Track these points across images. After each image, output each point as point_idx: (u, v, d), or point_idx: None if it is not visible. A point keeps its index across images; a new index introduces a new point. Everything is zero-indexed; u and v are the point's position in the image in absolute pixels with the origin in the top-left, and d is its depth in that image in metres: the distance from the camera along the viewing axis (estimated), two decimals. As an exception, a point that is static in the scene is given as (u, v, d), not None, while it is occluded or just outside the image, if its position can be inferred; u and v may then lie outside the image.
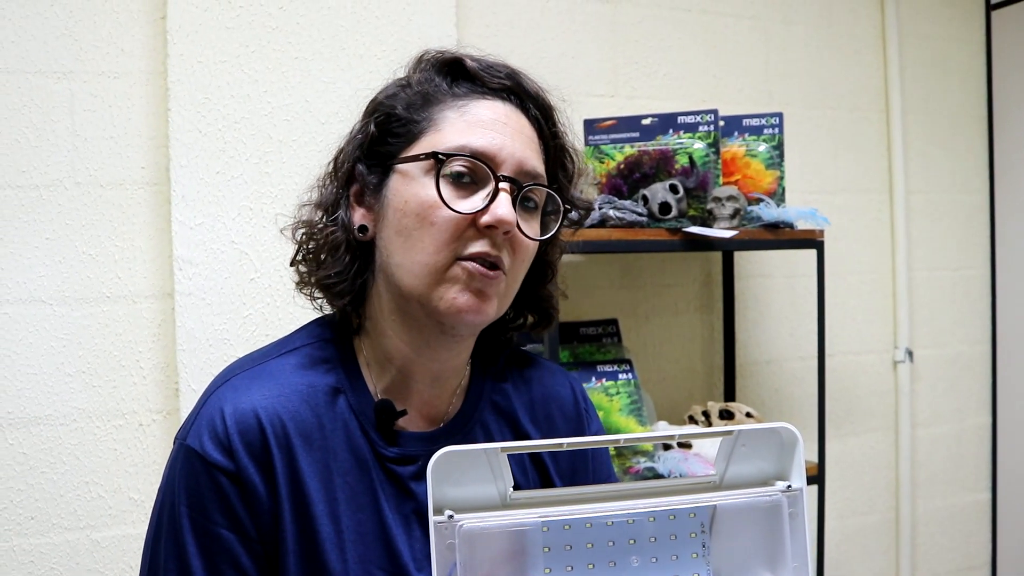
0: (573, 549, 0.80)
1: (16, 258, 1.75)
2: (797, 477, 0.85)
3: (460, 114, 0.94)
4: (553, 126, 1.00)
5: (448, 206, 0.90)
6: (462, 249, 0.91)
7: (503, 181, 0.92)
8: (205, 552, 0.88)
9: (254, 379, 0.94)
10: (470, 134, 0.93)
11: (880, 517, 2.69)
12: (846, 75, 2.62)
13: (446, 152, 0.92)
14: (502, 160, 0.93)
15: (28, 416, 1.76)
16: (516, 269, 0.95)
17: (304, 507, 0.90)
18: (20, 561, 1.74)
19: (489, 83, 0.96)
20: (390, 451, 0.96)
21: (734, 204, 1.98)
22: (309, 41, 1.89)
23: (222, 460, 0.89)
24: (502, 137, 0.93)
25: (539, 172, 0.96)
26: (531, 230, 0.96)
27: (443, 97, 0.96)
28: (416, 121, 0.95)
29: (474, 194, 0.92)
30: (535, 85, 0.99)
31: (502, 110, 0.95)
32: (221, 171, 1.83)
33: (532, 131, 0.97)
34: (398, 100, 0.97)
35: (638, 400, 2.01)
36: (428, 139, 0.94)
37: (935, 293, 2.76)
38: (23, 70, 1.75)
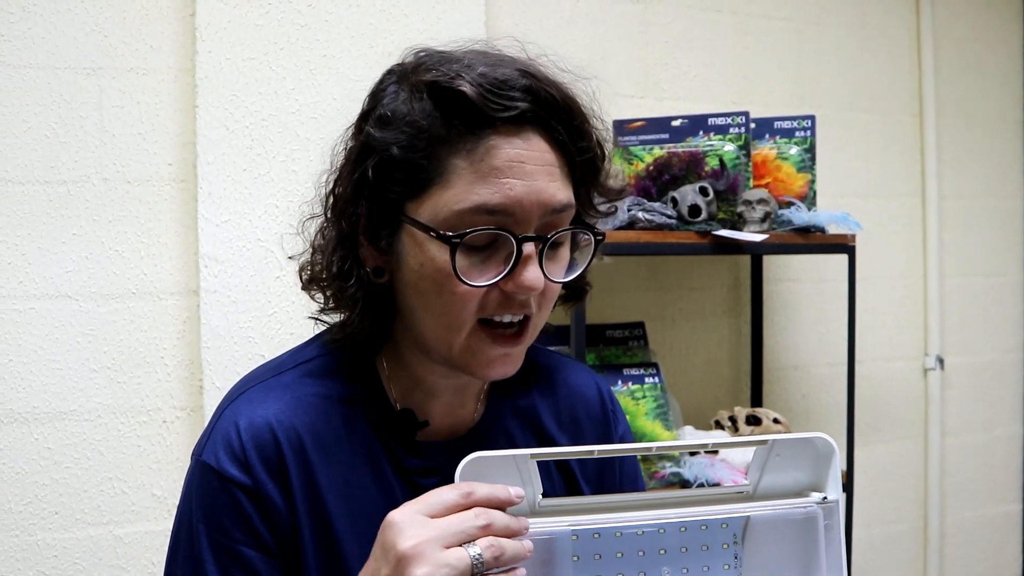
0: (603, 558, 0.78)
1: (43, 253, 1.75)
2: (833, 488, 0.83)
3: (470, 162, 0.82)
4: (580, 138, 0.87)
5: (468, 283, 0.83)
6: (486, 313, 0.85)
7: (527, 242, 0.83)
8: (224, 570, 0.85)
9: (269, 391, 0.91)
10: (485, 189, 0.82)
11: (908, 526, 2.65)
12: (880, 78, 2.58)
13: (455, 230, 0.82)
14: (523, 210, 0.82)
15: (53, 411, 1.76)
16: (547, 307, 0.90)
17: (325, 523, 0.88)
18: (44, 556, 1.75)
19: (500, 112, 0.82)
20: (412, 462, 0.92)
21: (764, 207, 1.95)
22: (337, 39, 1.88)
23: (239, 476, 0.86)
24: (521, 183, 0.82)
25: (567, 203, 0.86)
26: (559, 269, 0.88)
27: (448, 137, 0.83)
28: (420, 167, 0.83)
29: (495, 255, 0.84)
30: (555, 91, 0.85)
31: (519, 145, 0.83)
32: (248, 168, 1.82)
33: (555, 155, 0.85)
34: (394, 138, 0.84)
35: (664, 404, 1.99)
36: (438, 195, 0.83)
37: (967, 300, 2.72)
38: (53, 66, 1.75)
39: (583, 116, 0.88)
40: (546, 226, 0.85)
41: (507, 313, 0.85)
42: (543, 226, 0.85)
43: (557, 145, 0.86)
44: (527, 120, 0.83)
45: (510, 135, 0.83)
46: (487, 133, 0.82)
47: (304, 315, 1.69)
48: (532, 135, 0.84)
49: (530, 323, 0.88)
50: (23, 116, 1.74)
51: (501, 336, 0.86)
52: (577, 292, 1.00)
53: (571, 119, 0.86)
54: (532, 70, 0.85)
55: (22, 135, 1.74)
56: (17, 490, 1.74)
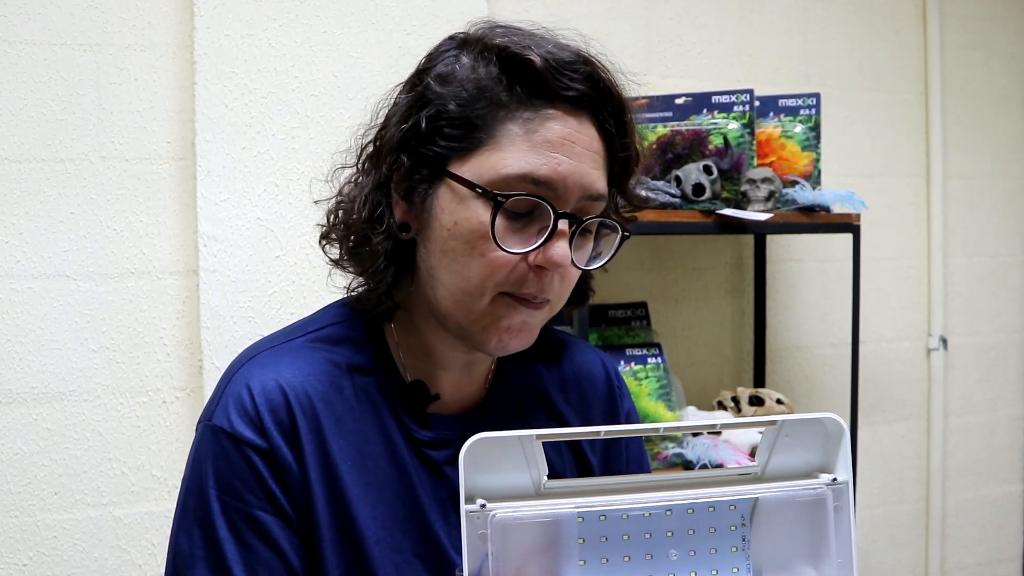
0: (609, 541, 0.77)
1: (41, 232, 1.74)
2: (843, 469, 0.82)
3: (525, 131, 0.83)
4: (626, 135, 0.90)
5: (501, 246, 0.83)
6: (509, 285, 0.85)
7: (563, 219, 0.84)
8: (237, 535, 0.84)
9: (280, 356, 0.90)
10: (535, 159, 0.83)
11: (910, 507, 2.65)
12: (885, 56, 2.55)
13: (505, 193, 0.83)
14: (566, 188, 0.84)
15: (52, 392, 1.75)
16: (562, 293, 0.90)
17: (338, 490, 0.87)
18: (43, 536, 1.74)
19: (562, 90, 0.84)
20: (423, 434, 0.92)
21: (769, 186, 1.94)
22: (337, 15, 1.86)
23: (253, 437, 0.85)
24: (569, 162, 0.84)
25: (602, 193, 0.88)
26: (583, 256, 0.90)
27: (507, 103, 0.84)
28: (474, 126, 0.84)
29: (529, 226, 0.85)
30: (612, 86, 0.87)
31: (573, 125, 0.85)
32: (247, 146, 1.80)
33: (601, 145, 0.88)
34: (453, 93, 0.85)
35: (667, 384, 1.98)
36: (486, 156, 0.84)
37: (971, 280, 2.71)
38: (49, 42, 1.73)
39: (631, 117, 0.90)
40: (580, 211, 0.87)
41: (527, 290, 0.86)
42: (578, 210, 0.86)
43: (604, 137, 0.88)
44: (584, 104, 0.86)
45: (567, 114, 0.85)
46: (547, 107, 0.84)
47: (304, 295, 1.67)
48: (586, 119, 0.86)
49: (548, 303, 0.88)
50: (19, 93, 1.71)
51: (523, 302, 0.86)
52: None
53: (621, 114, 0.88)
54: (595, 60, 0.88)
55: (18, 112, 1.72)
56: (16, 471, 1.72)
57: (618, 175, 0.92)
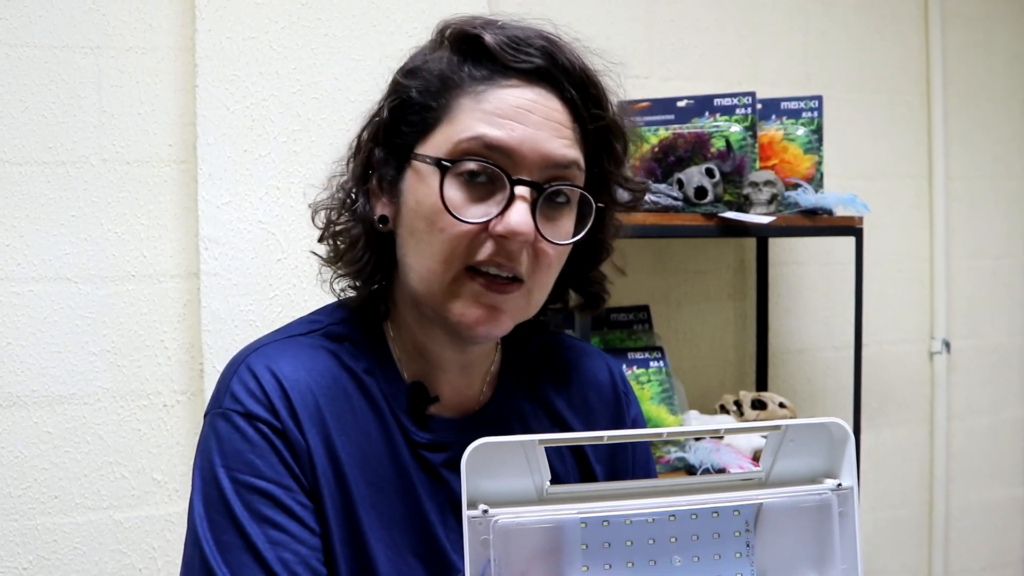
0: (612, 547, 0.76)
1: (42, 235, 1.73)
2: (848, 475, 0.81)
3: (477, 102, 0.84)
4: (595, 106, 0.87)
5: (454, 215, 0.83)
6: (474, 257, 0.84)
7: (520, 185, 0.83)
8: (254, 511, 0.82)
9: (283, 350, 0.89)
10: (486, 125, 0.83)
11: (913, 510, 2.64)
12: (887, 58, 2.55)
13: (451, 158, 0.83)
14: (522, 155, 0.83)
15: (52, 395, 1.74)
16: (540, 276, 0.87)
17: (344, 488, 0.86)
18: (43, 540, 1.73)
19: (514, 63, 0.84)
20: (422, 436, 0.91)
21: (771, 189, 1.93)
22: (339, 18, 1.85)
23: (266, 415, 0.84)
24: (524, 128, 0.83)
25: (570, 161, 0.85)
26: (557, 232, 0.86)
27: (461, 81, 0.85)
28: (431, 108, 0.86)
29: (490, 196, 0.84)
30: (574, 59, 0.86)
31: (528, 95, 0.84)
32: (249, 149, 1.80)
33: (566, 115, 0.86)
34: (414, 83, 0.87)
35: (669, 388, 1.97)
36: (442, 131, 0.85)
37: (974, 282, 2.70)
38: (51, 45, 1.73)
39: (600, 89, 0.88)
40: (550, 179, 0.85)
41: (494, 264, 0.84)
42: (547, 179, 0.85)
43: (569, 107, 0.86)
44: (541, 76, 0.85)
45: (523, 85, 0.85)
46: (499, 81, 0.84)
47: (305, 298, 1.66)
48: (545, 90, 0.85)
49: (523, 286, 0.86)
50: (20, 96, 1.71)
51: (487, 283, 0.84)
52: (593, 299, 1.01)
53: (586, 86, 0.87)
54: (555, 38, 0.87)
55: (20, 115, 1.71)
56: (16, 474, 1.72)
57: (597, 148, 0.90)
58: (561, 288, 0.99)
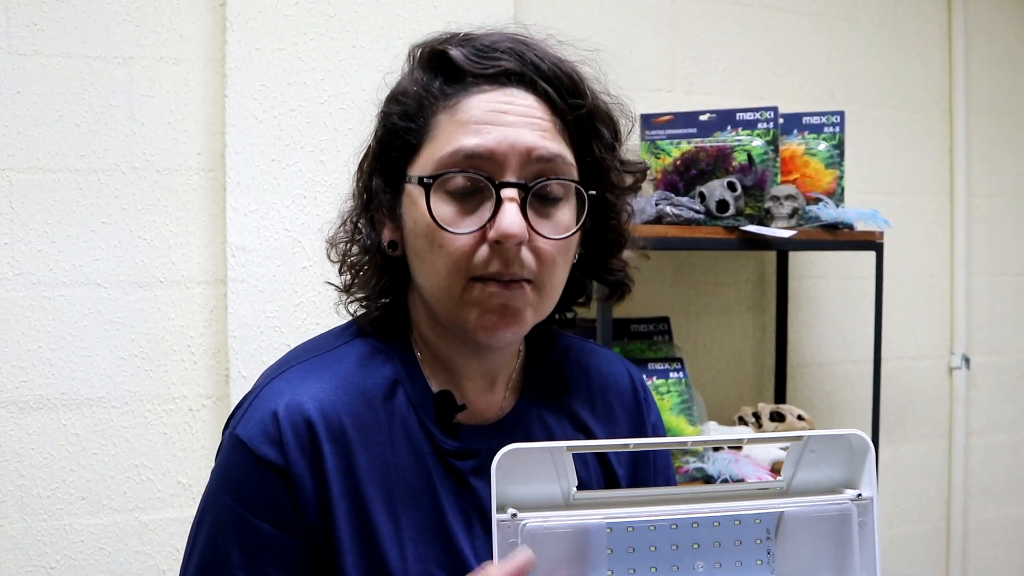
0: (636, 552, 0.78)
1: (73, 241, 1.77)
2: (868, 486, 0.82)
3: (451, 115, 0.85)
4: (572, 95, 0.87)
5: (447, 229, 0.84)
6: (476, 268, 0.85)
7: (505, 188, 0.83)
8: (243, 544, 0.85)
9: (310, 372, 0.91)
10: (462, 135, 0.84)
11: (931, 526, 2.63)
12: (910, 74, 2.55)
13: (432, 175, 0.84)
14: (503, 155, 0.83)
15: (81, 398, 1.77)
16: (549, 270, 0.87)
17: (362, 505, 0.87)
18: (70, 540, 1.76)
19: (481, 71, 0.85)
20: (449, 444, 0.92)
21: (792, 203, 1.94)
22: (366, 30, 1.88)
23: (272, 455, 0.86)
24: (499, 129, 0.83)
25: (555, 154, 0.85)
26: (555, 227, 0.86)
27: (434, 98, 0.87)
28: (413, 131, 0.88)
29: (480, 205, 0.84)
30: (544, 54, 0.87)
31: (499, 97, 0.85)
32: (276, 159, 1.83)
33: (543, 109, 0.86)
34: (395, 108, 0.90)
35: (689, 399, 1.98)
36: (426, 151, 0.87)
37: (995, 299, 2.70)
38: (84, 55, 1.76)
39: (575, 77, 0.88)
40: (536, 175, 0.85)
41: (493, 270, 0.84)
42: (532, 175, 0.85)
43: (547, 102, 0.87)
44: (511, 78, 0.86)
45: (492, 90, 0.86)
46: (470, 90, 0.86)
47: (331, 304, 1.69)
48: (516, 91, 0.86)
49: (531, 284, 0.87)
50: (54, 105, 1.75)
51: (494, 292, 0.85)
52: (616, 286, 1.00)
53: (560, 78, 0.87)
54: (524, 38, 0.88)
55: (53, 123, 1.75)
56: (45, 475, 1.75)
57: (585, 138, 0.89)
58: (581, 280, 1.00)
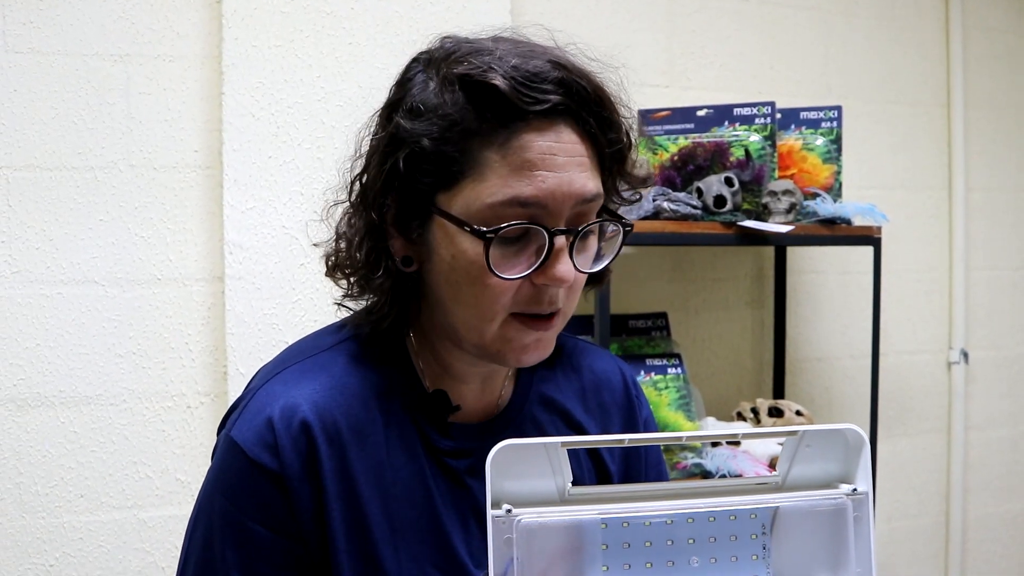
0: (631, 547, 0.78)
1: (71, 239, 1.77)
2: (863, 480, 0.82)
3: (502, 155, 0.82)
4: (611, 130, 0.87)
5: (501, 276, 0.83)
6: (517, 306, 0.86)
7: (558, 235, 0.84)
8: (238, 545, 0.85)
9: (305, 373, 0.90)
10: (518, 182, 0.82)
11: (930, 521, 2.64)
12: (907, 69, 2.55)
13: (488, 223, 0.82)
14: (556, 204, 0.83)
15: (79, 395, 1.77)
16: (571, 301, 0.90)
17: (357, 506, 0.87)
18: (69, 537, 1.76)
19: (532, 106, 0.82)
20: (444, 443, 0.92)
21: (790, 198, 1.94)
22: (363, 27, 1.88)
23: (267, 460, 0.85)
24: (553, 176, 0.82)
25: (596, 193, 0.86)
26: (587, 260, 0.89)
27: (480, 129, 0.82)
28: (452, 159, 0.83)
29: (527, 247, 0.84)
30: (586, 83, 0.85)
31: (551, 137, 0.83)
32: (273, 156, 1.83)
33: (585, 146, 0.85)
34: (424, 130, 0.84)
35: (687, 395, 1.98)
36: (471, 187, 0.83)
37: (993, 293, 2.69)
38: (81, 53, 1.76)
39: (612, 107, 0.87)
40: (576, 216, 0.85)
41: (537, 308, 0.86)
42: (573, 217, 0.85)
43: (588, 136, 0.85)
44: (559, 113, 0.83)
45: (543, 128, 0.83)
46: (520, 126, 0.82)
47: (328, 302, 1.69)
48: (564, 127, 0.84)
49: (560, 312, 0.88)
50: (51, 103, 1.75)
51: (534, 322, 0.87)
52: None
53: (601, 110, 0.86)
54: (563, 61, 0.85)
55: (50, 121, 1.75)
56: (43, 473, 1.75)
57: (611, 166, 0.90)
58: None
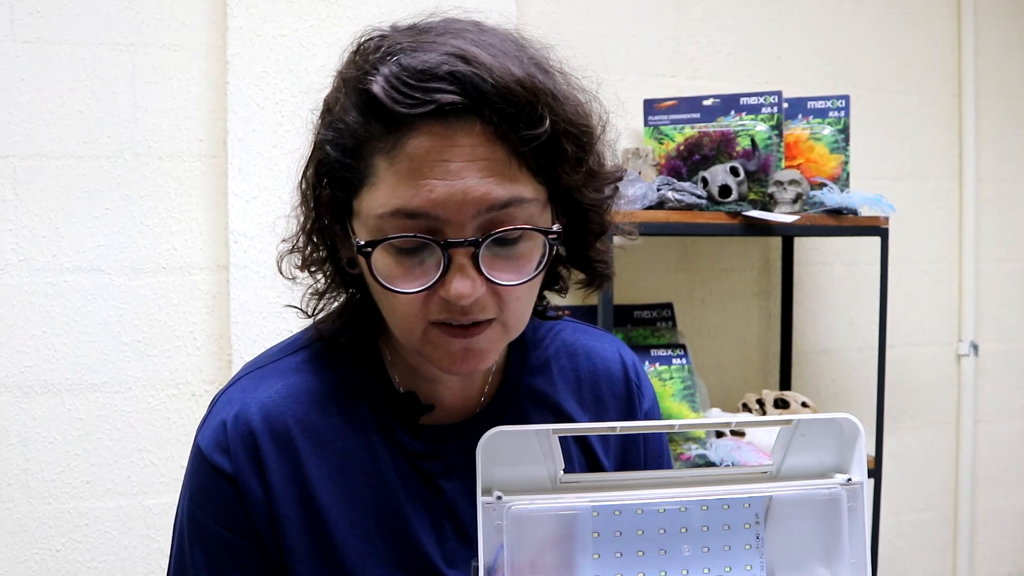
0: (623, 535, 0.77)
1: (76, 227, 1.77)
2: (858, 470, 0.82)
3: (389, 163, 0.75)
4: (525, 124, 0.75)
5: (394, 290, 0.78)
6: (432, 315, 0.79)
7: (454, 248, 0.75)
8: (205, 547, 0.86)
9: (262, 380, 0.89)
10: (404, 191, 0.74)
11: (937, 514, 2.62)
12: (917, 57, 2.53)
13: (373, 236, 0.77)
14: (451, 213, 0.74)
15: (85, 383, 1.78)
16: (512, 308, 0.81)
17: (316, 512, 0.86)
18: (75, 524, 1.78)
19: (414, 112, 0.73)
20: (415, 446, 0.89)
21: (796, 188, 1.93)
22: (368, 16, 1.87)
23: (223, 463, 0.85)
24: (444, 184, 0.74)
25: (509, 199, 0.76)
26: (516, 269, 0.79)
27: (370, 137, 0.76)
28: (352, 168, 0.78)
29: (425, 261, 0.77)
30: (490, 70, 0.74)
31: (441, 140, 0.74)
32: (278, 144, 1.83)
33: (491, 145, 0.75)
34: (328, 137, 0.80)
35: (692, 386, 1.98)
36: (365, 199, 0.78)
37: (1003, 285, 2.67)
38: (86, 42, 1.77)
39: (530, 96, 0.75)
40: (489, 224, 0.76)
41: (450, 318, 0.79)
42: (484, 224, 0.76)
43: (492, 129, 0.75)
44: (454, 112, 0.74)
45: (433, 132, 0.74)
46: (404, 131, 0.75)
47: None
48: (459, 128, 0.74)
49: (493, 323, 0.81)
50: (57, 92, 1.76)
51: (454, 331, 0.80)
52: (596, 276, 0.93)
53: (510, 105, 0.74)
54: (465, 50, 0.75)
55: (56, 111, 1.76)
56: (50, 459, 1.77)
57: (548, 163, 0.78)
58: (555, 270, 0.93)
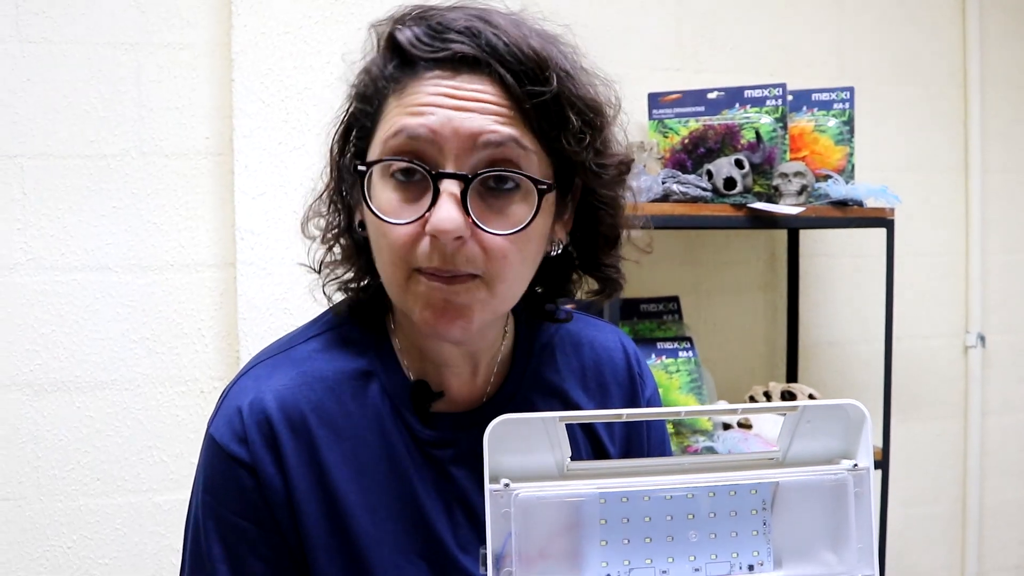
0: (630, 522, 0.78)
1: (84, 226, 1.78)
2: (864, 455, 0.82)
3: (398, 99, 0.81)
4: (532, 81, 0.79)
5: (384, 219, 0.80)
6: (416, 260, 0.80)
7: (444, 179, 0.78)
8: (223, 538, 0.86)
9: (276, 368, 0.89)
10: (407, 117, 0.79)
11: (946, 507, 2.62)
12: (922, 49, 2.52)
13: (368, 162, 0.82)
14: (444, 139, 0.78)
15: (94, 380, 1.79)
16: (499, 265, 0.81)
17: (334, 500, 0.87)
18: (86, 520, 1.79)
19: (431, 54, 0.79)
20: (427, 434, 0.90)
21: (801, 180, 1.93)
22: (372, 12, 1.86)
23: (240, 452, 0.85)
24: (442, 112, 0.78)
25: (504, 138, 0.79)
26: (504, 220, 0.80)
27: (387, 82, 0.82)
28: (369, 114, 0.84)
29: (422, 194, 0.79)
30: (505, 32, 0.80)
31: (446, 84, 0.79)
32: (284, 142, 1.84)
33: (498, 95, 0.79)
34: (356, 90, 0.86)
35: (698, 379, 1.98)
36: (376, 136, 0.83)
37: (1011, 277, 2.67)
38: (92, 41, 1.78)
39: (539, 61, 0.80)
40: (482, 163, 0.79)
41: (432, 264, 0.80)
42: (481, 164, 0.79)
43: (503, 88, 0.80)
44: (465, 62, 0.79)
45: (444, 76, 0.80)
46: (419, 73, 0.80)
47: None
48: (470, 76, 0.80)
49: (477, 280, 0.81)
50: (63, 91, 1.76)
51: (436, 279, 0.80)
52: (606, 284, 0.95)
53: (521, 62, 0.79)
54: (485, 14, 0.81)
55: (63, 110, 1.76)
56: (60, 457, 1.78)
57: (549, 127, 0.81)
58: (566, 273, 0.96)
